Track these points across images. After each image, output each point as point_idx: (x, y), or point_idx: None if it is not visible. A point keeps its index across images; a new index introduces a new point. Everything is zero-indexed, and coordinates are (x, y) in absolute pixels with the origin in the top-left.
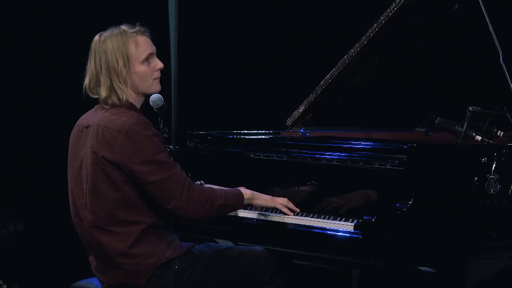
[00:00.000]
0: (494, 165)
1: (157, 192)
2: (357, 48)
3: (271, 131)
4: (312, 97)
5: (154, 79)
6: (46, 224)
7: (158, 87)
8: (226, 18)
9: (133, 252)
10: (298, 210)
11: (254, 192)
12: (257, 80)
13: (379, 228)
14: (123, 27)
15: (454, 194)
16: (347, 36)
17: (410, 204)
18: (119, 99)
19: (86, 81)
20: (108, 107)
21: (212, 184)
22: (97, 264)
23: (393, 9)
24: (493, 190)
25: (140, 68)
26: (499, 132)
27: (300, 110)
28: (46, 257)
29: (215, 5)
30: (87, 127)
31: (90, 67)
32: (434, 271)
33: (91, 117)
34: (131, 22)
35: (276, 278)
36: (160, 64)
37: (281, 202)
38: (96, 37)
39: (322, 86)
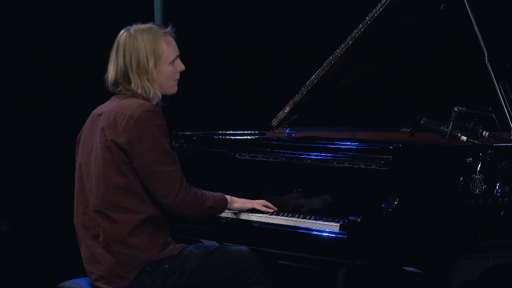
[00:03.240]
0: (479, 165)
1: (157, 183)
2: (342, 49)
3: (256, 132)
4: (297, 97)
5: (176, 80)
6: (32, 224)
7: (176, 88)
8: (211, 20)
9: (131, 241)
10: (275, 208)
11: (232, 197)
12: (242, 81)
13: (365, 228)
14: (153, 25)
15: (440, 195)
16: (332, 36)
17: (395, 204)
18: (147, 96)
19: (112, 75)
20: (124, 96)
21: (198, 185)
22: (91, 254)
23: (378, 9)
24: (479, 190)
25: (168, 68)
26: (484, 132)
27: (286, 111)
28: (32, 257)
29: (200, 7)
30: (100, 115)
31: (118, 62)
32: (419, 271)
33: (105, 106)
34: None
35: (264, 279)
36: (183, 66)
37: (259, 202)
38: (124, 33)
39: (307, 87)
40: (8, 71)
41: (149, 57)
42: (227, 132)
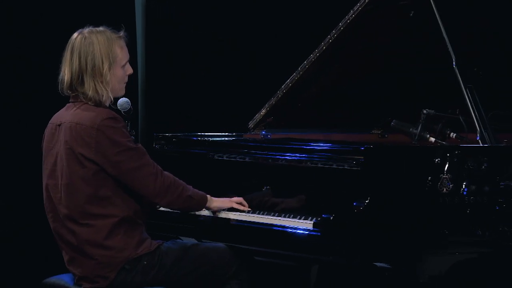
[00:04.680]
0: (447, 165)
1: (135, 180)
2: (316, 54)
3: (234, 133)
4: (273, 100)
5: (125, 83)
6: (15, 222)
7: (124, 91)
8: (191, 26)
9: (107, 244)
10: (249, 209)
11: (211, 196)
12: (220, 84)
13: (337, 225)
14: (105, 29)
15: (409, 193)
16: (307, 42)
17: (366, 202)
18: (99, 99)
19: (67, 78)
20: (79, 104)
21: None
22: (71, 257)
23: (351, 16)
24: (446, 189)
25: (120, 71)
26: (451, 133)
27: (262, 113)
28: (16, 255)
29: (181, 12)
30: (59, 125)
31: (73, 65)
32: (389, 266)
33: (63, 116)
34: (107, 26)
35: (240, 274)
36: (131, 70)
37: (236, 200)
38: (78, 35)
39: (283, 90)
40: (8, 71)
41: (104, 60)
42: (206, 133)
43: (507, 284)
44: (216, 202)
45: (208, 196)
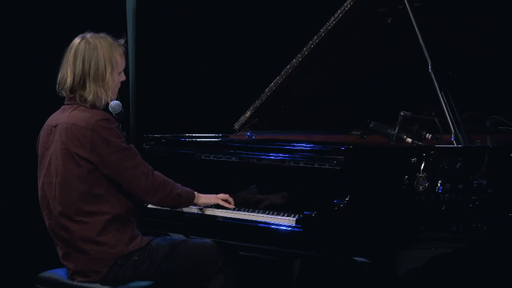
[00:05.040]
0: (423, 164)
1: (127, 179)
2: (299, 59)
3: (220, 134)
4: (257, 103)
5: (118, 88)
6: (13, 220)
7: (116, 96)
8: (180, 31)
9: (100, 240)
10: (233, 206)
11: (198, 193)
12: (207, 88)
13: (318, 222)
14: (106, 35)
15: (387, 192)
16: (290, 47)
17: (346, 200)
18: (97, 102)
19: (69, 80)
20: (74, 106)
21: None
22: (65, 252)
23: (332, 22)
24: (422, 187)
25: (117, 77)
26: (427, 134)
27: (247, 115)
28: (13, 250)
29: (170, 17)
30: (55, 127)
31: (77, 68)
32: (368, 261)
33: (58, 117)
34: (109, 33)
35: (226, 268)
36: (124, 77)
37: (221, 197)
38: (81, 40)
39: (267, 93)
40: (7, 71)
41: (107, 65)
42: (193, 134)
43: (480, 277)
44: (203, 198)
45: (196, 192)
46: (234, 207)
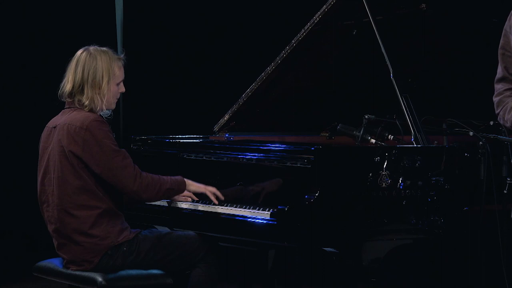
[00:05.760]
0: (385, 163)
1: (115, 178)
2: (272, 67)
3: (201, 136)
4: (235, 107)
5: (117, 98)
6: (13, 213)
7: (115, 105)
8: (165, 39)
9: (92, 232)
10: (222, 198)
11: (189, 180)
12: (190, 93)
13: (291, 215)
14: (108, 49)
15: (353, 188)
16: (265, 55)
17: (316, 196)
18: (93, 107)
19: (68, 87)
20: (73, 109)
21: None
22: (60, 243)
23: (302, 34)
24: (385, 184)
25: (115, 88)
26: (389, 136)
27: (225, 118)
28: (13, 242)
29: (156, 27)
30: (54, 128)
31: (77, 75)
32: (336, 251)
33: (58, 120)
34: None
35: (207, 258)
36: (124, 89)
37: (210, 190)
38: (84, 52)
39: (243, 98)
40: (7, 71)
41: (104, 75)
42: (177, 136)
43: (437, 265)
44: (193, 186)
45: (186, 180)
46: (217, 202)
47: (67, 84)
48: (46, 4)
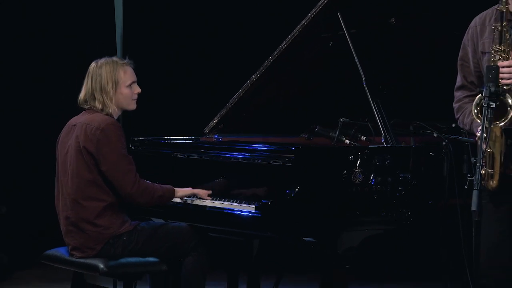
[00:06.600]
0: (358, 161)
1: (119, 178)
2: (257, 74)
3: (193, 137)
4: (223, 111)
5: (133, 99)
6: (23, 207)
7: (135, 105)
8: (163, 46)
9: (97, 222)
10: (210, 193)
11: (177, 188)
12: (182, 98)
13: (274, 209)
14: (115, 58)
15: (329, 184)
16: (251, 63)
17: (296, 191)
18: (107, 110)
19: (82, 95)
20: (92, 111)
21: (150, 178)
22: (67, 230)
23: (284, 45)
24: (358, 180)
25: (125, 90)
26: (362, 137)
27: (215, 121)
28: (24, 233)
29: (156, 27)
30: (74, 125)
31: (87, 85)
32: (314, 240)
33: (78, 119)
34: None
35: (199, 247)
36: (138, 89)
37: (196, 191)
38: (93, 64)
39: (231, 103)
40: (7, 71)
41: (108, 82)
42: (171, 137)
43: (405, 253)
44: (181, 192)
45: (174, 188)
46: (209, 199)
47: (81, 94)
48: (46, 4)
